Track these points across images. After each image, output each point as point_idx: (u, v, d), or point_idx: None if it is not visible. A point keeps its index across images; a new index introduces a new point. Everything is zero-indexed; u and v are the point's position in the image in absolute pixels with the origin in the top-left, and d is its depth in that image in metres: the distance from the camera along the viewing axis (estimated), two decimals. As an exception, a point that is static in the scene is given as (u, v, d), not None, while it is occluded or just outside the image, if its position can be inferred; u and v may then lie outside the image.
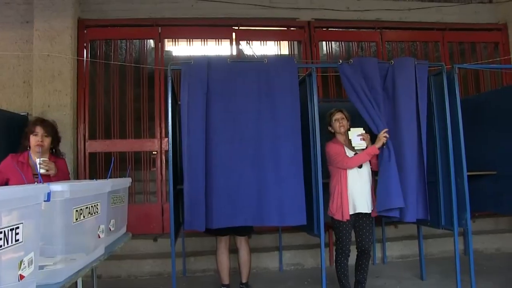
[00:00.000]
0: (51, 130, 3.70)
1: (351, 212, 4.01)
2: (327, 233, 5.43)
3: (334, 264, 4.28)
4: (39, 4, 5.98)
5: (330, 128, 4.29)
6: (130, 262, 5.43)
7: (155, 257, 5.54)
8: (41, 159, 3.31)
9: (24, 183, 1.86)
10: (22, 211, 1.54)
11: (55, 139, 3.77)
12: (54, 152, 3.80)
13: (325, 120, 4.27)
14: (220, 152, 3.90)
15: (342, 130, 4.16)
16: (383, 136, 3.94)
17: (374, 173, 4.20)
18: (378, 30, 6.87)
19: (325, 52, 7.04)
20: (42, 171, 3.24)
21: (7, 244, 1.43)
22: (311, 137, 4.14)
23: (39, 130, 3.58)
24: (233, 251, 4.57)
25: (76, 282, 2.68)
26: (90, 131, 6.18)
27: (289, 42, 7.03)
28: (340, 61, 4.20)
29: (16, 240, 1.49)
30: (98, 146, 6.14)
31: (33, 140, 3.56)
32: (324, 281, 4.00)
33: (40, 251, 1.74)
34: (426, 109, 4.13)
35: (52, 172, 3.38)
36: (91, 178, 5.87)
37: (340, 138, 4.22)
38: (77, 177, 5.94)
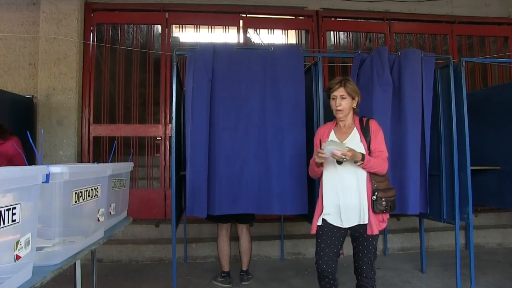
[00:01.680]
0: None
1: (334, 223, 3.01)
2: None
3: None
4: (46, -14, 5.95)
5: None
6: (132, 247, 5.46)
7: (156, 242, 5.56)
8: None
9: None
10: (19, 191, 1.53)
11: None
12: None
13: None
14: (224, 139, 3.89)
15: (340, 115, 3.05)
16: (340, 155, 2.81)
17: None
18: (387, 21, 6.80)
19: (333, 42, 6.99)
20: None
21: (3, 224, 1.42)
22: (315, 127, 4.12)
23: None
24: (234, 238, 4.59)
25: (74, 265, 2.69)
26: (94, 115, 6.19)
27: (297, 31, 6.99)
28: (359, 51, 4.15)
29: (13, 221, 1.48)
30: (103, 130, 6.15)
31: None
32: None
33: (38, 233, 1.74)
34: (431, 101, 4.10)
35: None
36: (94, 161, 5.88)
37: (340, 122, 3.13)
38: (80, 160, 5.96)
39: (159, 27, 6.73)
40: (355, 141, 3.00)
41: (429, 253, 5.42)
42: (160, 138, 6.29)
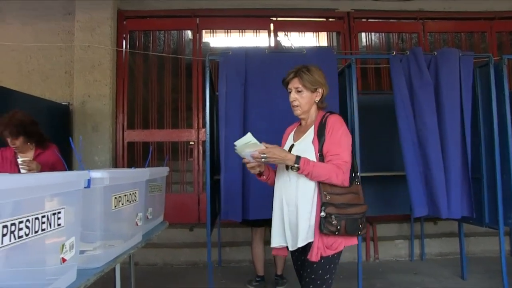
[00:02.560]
0: (19, 129, 3.38)
1: (275, 244, 2.54)
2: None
3: None
4: (81, -4, 6.08)
5: None
6: (167, 250, 5.50)
7: (191, 246, 5.58)
8: (21, 159, 3.26)
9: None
10: (63, 196, 1.55)
11: (29, 133, 3.47)
12: (38, 143, 3.58)
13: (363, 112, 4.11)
14: (257, 143, 3.86)
15: (297, 111, 2.55)
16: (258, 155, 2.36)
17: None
18: (420, 20, 6.66)
19: (364, 43, 6.91)
20: (23, 171, 3.20)
21: (50, 228, 1.44)
22: (349, 130, 4.06)
23: (6, 134, 3.37)
24: (268, 242, 4.56)
25: (114, 268, 2.71)
26: (128, 120, 6.28)
27: (328, 33, 6.94)
28: (394, 52, 4.08)
29: (58, 225, 1.50)
30: (136, 135, 6.23)
31: (8, 142, 3.42)
32: (360, 276, 3.95)
33: (80, 237, 1.76)
34: (470, 102, 3.99)
35: (34, 170, 3.23)
36: (129, 167, 5.95)
37: (302, 120, 2.65)
38: (115, 165, 6.04)
39: (189, 32, 6.79)
40: (305, 142, 2.46)
41: (469, 259, 5.26)
42: (193, 143, 6.32)
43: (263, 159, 2.33)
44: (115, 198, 2.04)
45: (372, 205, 4.99)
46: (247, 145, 2.36)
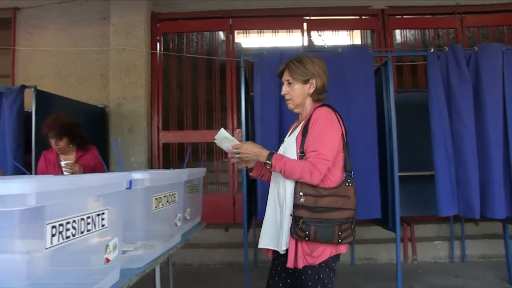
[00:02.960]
0: (63, 130, 3.45)
1: (262, 245, 2.40)
2: (402, 228, 5.26)
3: None
4: (115, 0, 6.19)
5: None
6: (202, 250, 5.52)
7: (226, 246, 5.60)
8: (64, 162, 3.30)
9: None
10: (107, 197, 1.59)
11: (73, 135, 3.54)
12: (80, 145, 3.65)
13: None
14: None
15: (290, 105, 2.41)
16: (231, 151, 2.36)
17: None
18: (458, 15, 6.48)
19: (399, 40, 6.79)
20: (66, 174, 3.25)
21: (95, 228, 1.47)
22: (386, 129, 4.01)
23: (51, 135, 3.43)
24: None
25: (154, 269, 2.74)
26: (163, 122, 6.36)
27: (362, 31, 6.85)
28: (432, 49, 3.99)
29: (102, 225, 1.53)
30: (171, 136, 6.29)
31: (51, 143, 3.48)
32: (399, 278, 3.87)
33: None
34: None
35: (77, 173, 3.28)
36: (164, 168, 6.01)
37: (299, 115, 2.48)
38: (151, 166, 6.12)
39: (221, 33, 6.81)
40: (291, 139, 2.35)
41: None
42: (227, 144, 6.33)
43: (236, 155, 2.28)
44: (155, 199, 2.06)
45: (409, 205, 4.93)
46: (226, 140, 2.33)
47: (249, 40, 6.98)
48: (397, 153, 3.90)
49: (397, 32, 6.79)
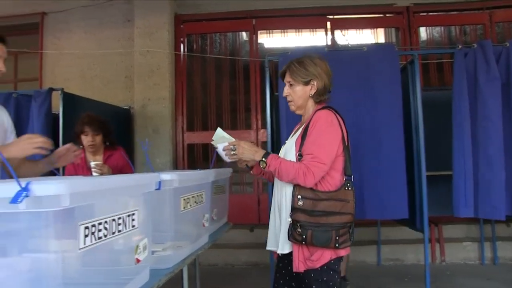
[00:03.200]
0: (100, 126, 3.53)
1: (268, 247, 2.46)
2: (429, 228, 5.18)
3: None
4: (139, 3, 6.24)
5: None
6: (227, 251, 5.54)
7: (251, 247, 5.60)
8: (94, 162, 3.31)
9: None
10: (137, 198, 1.60)
11: (107, 133, 3.62)
12: (108, 145, 3.68)
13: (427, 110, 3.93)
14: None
15: (292, 107, 2.42)
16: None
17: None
18: (487, 10, 6.30)
19: (424, 38, 6.69)
20: (95, 174, 3.27)
21: (125, 229, 1.48)
22: (413, 128, 3.95)
23: (88, 129, 3.46)
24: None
25: (181, 269, 2.76)
26: (188, 123, 6.39)
27: (386, 29, 6.77)
28: (460, 46, 3.91)
29: (133, 226, 1.53)
30: (196, 137, 6.32)
31: (85, 140, 3.49)
32: (428, 279, 3.81)
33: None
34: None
35: (106, 173, 3.32)
36: (189, 168, 6.04)
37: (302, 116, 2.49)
38: (175, 167, 6.15)
39: (244, 34, 6.82)
40: (291, 141, 2.35)
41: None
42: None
43: (232, 152, 2.29)
44: (184, 199, 2.07)
45: (436, 205, 4.85)
46: (223, 139, 2.35)
47: (272, 40, 6.97)
48: (424, 152, 3.83)
49: (422, 29, 6.69)
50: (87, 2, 6.54)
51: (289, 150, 2.31)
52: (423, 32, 6.72)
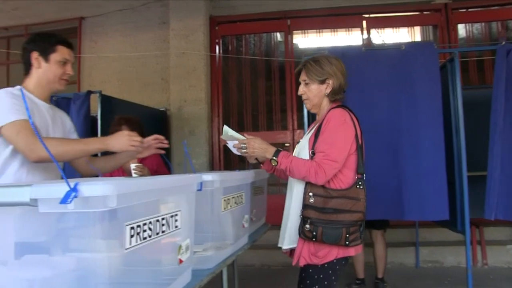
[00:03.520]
0: (137, 127, 3.47)
1: (278, 244, 2.55)
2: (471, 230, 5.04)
3: None
4: (174, 5, 6.31)
5: None
6: (263, 251, 5.52)
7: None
8: (134, 164, 3.31)
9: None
10: (180, 199, 1.61)
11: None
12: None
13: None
14: (356, 143, 3.78)
15: (307, 105, 2.45)
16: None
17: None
18: (531, 4, 6.06)
19: (463, 35, 6.52)
20: (135, 175, 3.28)
21: (169, 229, 1.48)
22: (453, 127, 3.87)
23: (125, 128, 3.38)
24: (368, 244, 4.46)
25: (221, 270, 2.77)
26: (224, 124, 6.37)
27: (423, 27, 6.64)
28: (503, 42, 3.80)
29: (176, 227, 1.54)
30: (232, 138, 6.33)
31: None
32: (470, 283, 3.72)
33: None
34: None
35: (146, 175, 3.32)
36: (225, 169, 6.07)
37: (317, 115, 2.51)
38: (212, 168, 6.17)
39: (278, 34, 6.80)
40: (305, 139, 2.39)
41: None
42: (288, 145, 6.32)
43: (243, 150, 2.32)
44: (224, 200, 2.07)
45: (478, 207, 4.71)
46: (231, 137, 2.37)
47: (307, 40, 6.92)
48: (465, 152, 3.75)
49: (460, 26, 6.53)
50: (124, 6, 6.66)
51: (302, 148, 2.33)
52: (461, 29, 6.55)
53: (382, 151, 3.78)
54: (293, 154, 2.37)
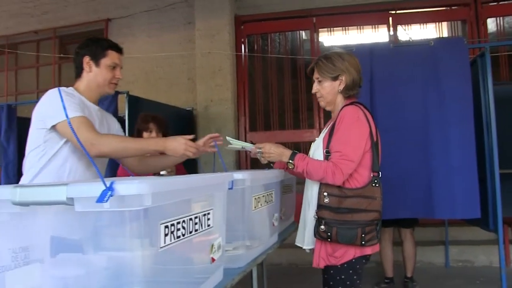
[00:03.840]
0: (163, 125, 3.53)
1: (296, 242, 2.51)
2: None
3: None
4: (200, 5, 6.34)
5: None
6: (290, 250, 5.45)
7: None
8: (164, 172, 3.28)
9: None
10: (212, 197, 1.61)
11: (166, 133, 3.55)
12: None
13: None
14: (385, 140, 3.71)
15: (321, 103, 2.43)
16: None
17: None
18: None
19: (493, 30, 6.37)
20: (163, 172, 3.27)
21: (201, 228, 1.49)
22: (484, 123, 3.80)
23: (152, 126, 3.45)
24: (397, 243, 4.42)
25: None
26: (250, 123, 6.43)
27: (451, 22, 6.52)
28: None
29: (208, 225, 1.55)
30: (259, 137, 6.33)
31: (148, 134, 3.48)
32: (504, 283, 3.64)
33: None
34: None
35: (173, 173, 3.38)
36: (252, 168, 6.06)
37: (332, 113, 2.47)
38: (239, 167, 6.18)
39: (303, 32, 6.77)
40: (320, 138, 2.37)
41: None
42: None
43: (258, 154, 2.35)
44: (255, 198, 2.07)
45: (509, 205, 4.62)
46: (236, 144, 2.47)
47: (333, 38, 6.87)
48: (497, 149, 3.69)
49: (490, 21, 6.38)
50: (150, 7, 6.73)
51: (317, 147, 2.33)
52: (490, 23, 6.40)
53: (412, 149, 3.74)
54: (309, 153, 2.39)
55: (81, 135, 2.00)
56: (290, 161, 2.22)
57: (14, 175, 4.97)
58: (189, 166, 2.98)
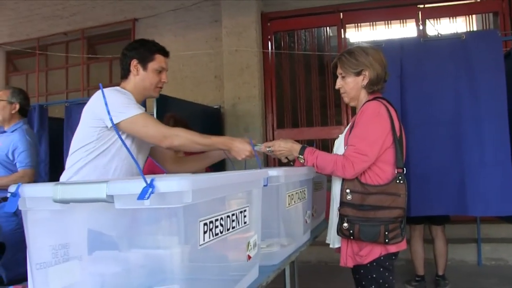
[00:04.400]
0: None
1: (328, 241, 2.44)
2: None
3: None
4: (226, 3, 6.34)
5: None
6: (319, 248, 5.44)
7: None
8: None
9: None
10: (248, 195, 1.61)
11: None
12: None
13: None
14: (416, 137, 3.69)
15: (345, 99, 2.40)
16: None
17: None
18: None
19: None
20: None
21: (238, 225, 1.49)
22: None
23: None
24: (428, 240, 4.36)
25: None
26: (278, 120, 6.42)
27: (482, 15, 6.37)
28: None
29: (244, 223, 1.54)
30: (287, 134, 6.30)
31: None
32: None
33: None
34: None
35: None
36: (280, 166, 6.04)
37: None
38: (267, 165, 6.17)
39: (329, 29, 6.71)
40: (342, 136, 2.35)
41: None
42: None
43: (268, 152, 2.37)
44: (289, 196, 2.06)
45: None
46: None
47: (360, 34, 6.79)
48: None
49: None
50: (176, 6, 6.77)
51: (340, 144, 2.31)
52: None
53: (443, 144, 3.67)
54: (333, 150, 2.40)
55: (152, 129, 2.11)
56: (300, 155, 2.23)
57: (46, 174, 5.05)
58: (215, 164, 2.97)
